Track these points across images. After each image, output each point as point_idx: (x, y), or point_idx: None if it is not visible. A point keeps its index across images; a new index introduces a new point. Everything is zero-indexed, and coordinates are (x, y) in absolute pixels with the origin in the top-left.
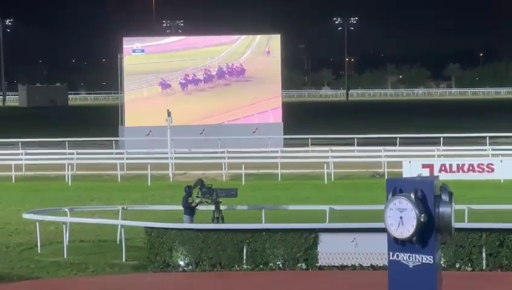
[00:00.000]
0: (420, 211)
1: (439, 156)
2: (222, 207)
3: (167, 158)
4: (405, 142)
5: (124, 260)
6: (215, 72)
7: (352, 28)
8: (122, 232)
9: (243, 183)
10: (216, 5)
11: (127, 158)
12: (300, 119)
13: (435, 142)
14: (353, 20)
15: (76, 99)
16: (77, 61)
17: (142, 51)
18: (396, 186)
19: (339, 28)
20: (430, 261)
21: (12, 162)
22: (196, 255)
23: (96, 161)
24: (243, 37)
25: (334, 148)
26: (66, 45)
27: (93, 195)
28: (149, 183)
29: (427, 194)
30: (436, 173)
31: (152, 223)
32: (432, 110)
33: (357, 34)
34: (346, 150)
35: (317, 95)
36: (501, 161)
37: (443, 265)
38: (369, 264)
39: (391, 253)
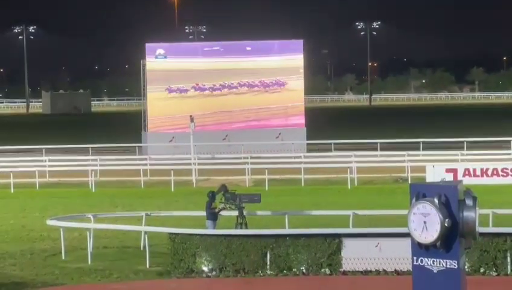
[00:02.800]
0: (444, 215)
1: (462, 160)
2: (245, 213)
3: (190, 164)
4: (428, 146)
5: (147, 266)
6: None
7: (374, 33)
8: (146, 238)
9: (266, 188)
10: (239, 11)
11: (150, 164)
12: (324, 124)
13: (458, 146)
14: (376, 24)
15: (100, 105)
16: (100, 67)
17: (165, 57)
18: (420, 191)
19: (362, 33)
20: (455, 266)
21: (36, 169)
22: (220, 260)
23: (119, 167)
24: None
25: (357, 153)
26: (89, 51)
27: (117, 201)
28: (172, 189)
29: (450, 199)
30: (459, 177)
31: (176, 229)
32: (456, 115)
33: (380, 39)
34: (370, 155)
35: (340, 100)
36: None
37: (467, 270)
38: (393, 269)
39: (415, 258)
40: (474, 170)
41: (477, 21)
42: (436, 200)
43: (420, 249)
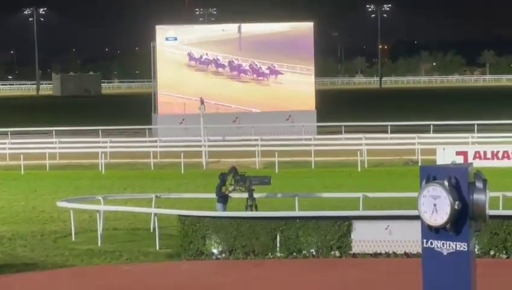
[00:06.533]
0: (454, 198)
1: (473, 143)
2: (255, 195)
3: (200, 146)
4: (439, 129)
5: (157, 248)
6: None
7: (385, 15)
8: (156, 220)
9: (277, 171)
10: None
11: (160, 146)
12: (334, 107)
13: (469, 129)
14: (386, 7)
15: (110, 87)
16: (110, 49)
17: (175, 39)
18: (430, 173)
19: (372, 16)
20: (464, 248)
21: (47, 151)
22: (230, 243)
23: (129, 149)
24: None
25: (367, 135)
26: (99, 33)
27: (127, 183)
28: (182, 172)
29: (461, 182)
30: (470, 160)
31: (185, 211)
32: (466, 97)
33: (391, 21)
34: (380, 138)
35: (351, 82)
36: None
37: (477, 252)
38: (403, 252)
39: (425, 240)
40: (485, 152)
41: (488, 4)
42: (446, 183)
43: (430, 231)
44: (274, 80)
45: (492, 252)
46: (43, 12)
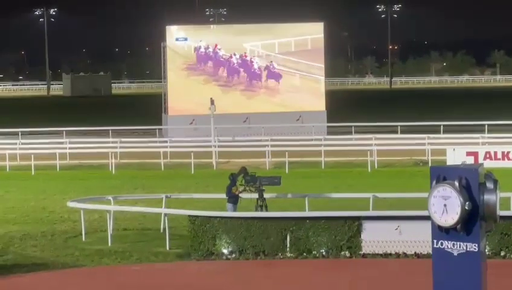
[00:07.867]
0: (464, 198)
1: (483, 143)
2: (265, 195)
3: (210, 146)
4: (449, 129)
5: (167, 248)
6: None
7: (395, 16)
8: (166, 220)
9: (287, 171)
10: None
11: (170, 147)
12: (344, 107)
13: (479, 129)
14: (396, 7)
15: (120, 88)
16: (121, 50)
17: (186, 39)
18: (440, 173)
19: (382, 16)
20: (475, 249)
21: (57, 151)
22: (240, 243)
23: (139, 150)
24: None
25: (377, 136)
26: (110, 34)
27: (137, 183)
28: (192, 172)
29: (471, 182)
30: (480, 160)
31: (195, 211)
32: (477, 98)
33: (401, 22)
34: (390, 138)
35: (361, 82)
36: None
37: (488, 253)
38: (413, 252)
39: (435, 241)
40: (495, 153)
41: (498, 3)
42: (456, 183)
43: (440, 232)
44: (284, 80)
45: (502, 253)
46: (54, 13)
